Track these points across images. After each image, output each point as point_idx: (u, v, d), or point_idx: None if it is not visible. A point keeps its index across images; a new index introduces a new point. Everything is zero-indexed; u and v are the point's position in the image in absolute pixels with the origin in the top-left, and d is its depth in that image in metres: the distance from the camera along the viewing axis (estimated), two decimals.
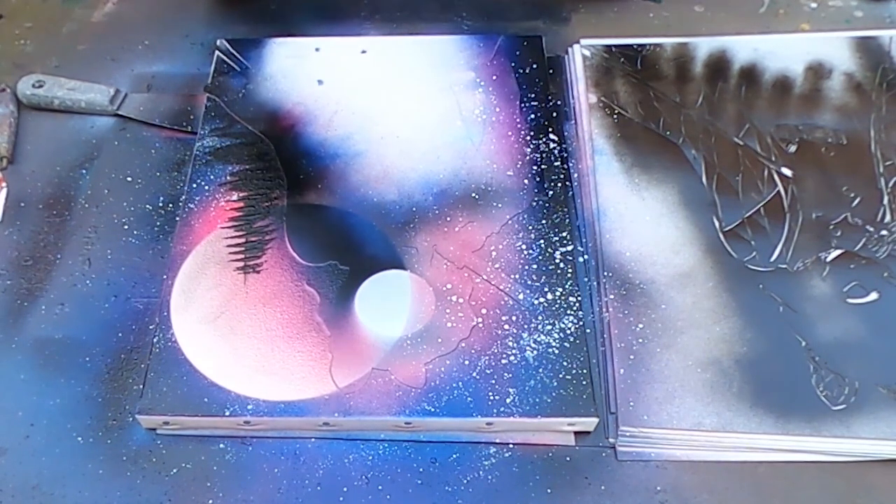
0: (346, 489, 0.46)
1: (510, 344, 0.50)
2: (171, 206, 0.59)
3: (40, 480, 0.47)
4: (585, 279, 0.55)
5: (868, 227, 0.56)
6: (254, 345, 0.50)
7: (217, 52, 0.67)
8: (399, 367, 0.49)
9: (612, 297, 0.52)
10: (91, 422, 0.49)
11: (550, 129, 0.62)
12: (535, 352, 0.50)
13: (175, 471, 0.47)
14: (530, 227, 0.56)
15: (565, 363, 0.49)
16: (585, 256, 0.56)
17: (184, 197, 0.58)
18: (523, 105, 0.63)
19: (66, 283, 0.55)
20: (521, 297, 0.52)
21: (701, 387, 0.48)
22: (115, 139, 0.64)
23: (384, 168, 0.59)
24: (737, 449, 0.47)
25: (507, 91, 0.64)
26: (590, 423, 0.48)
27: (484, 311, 0.52)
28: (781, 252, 0.55)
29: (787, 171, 0.59)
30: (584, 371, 0.49)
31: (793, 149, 0.61)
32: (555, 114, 0.63)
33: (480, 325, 0.51)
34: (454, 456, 0.48)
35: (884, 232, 0.56)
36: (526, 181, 0.58)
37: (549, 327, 0.51)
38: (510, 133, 0.62)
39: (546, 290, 0.53)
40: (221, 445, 0.48)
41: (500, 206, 0.57)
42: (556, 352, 0.50)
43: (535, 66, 0.66)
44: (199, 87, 0.66)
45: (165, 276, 0.53)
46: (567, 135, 0.63)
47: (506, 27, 0.72)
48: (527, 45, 0.68)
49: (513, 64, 0.66)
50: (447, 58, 0.67)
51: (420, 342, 0.50)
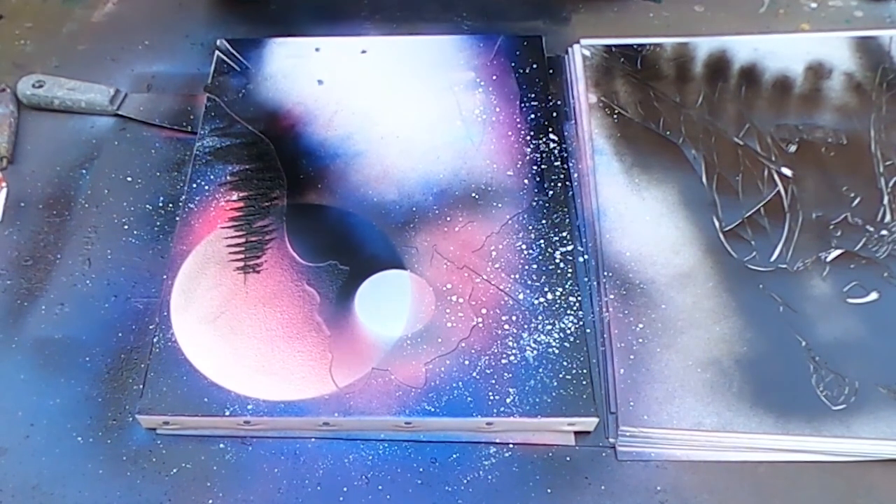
0: (346, 489, 0.46)
1: (510, 344, 0.50)
2: (171, 206, 0.59)
3: (40, 480, 0.47)
4: (585, 279, 0.55)
5: (868, 226, 0.56)
6: (254, 345, 0.50)
7: (217, 52, 0.67)
8: (399, 366, 0.49)
9: (612, 296, 0.52)
10: (91, 422, 0.49)
11: (550, 129, 0.62)
12: (535, 352, 0.50)
13: (175, 471, 0.47)
14: (530, 227, 0.56)
15: (565, 363, 0.49)
16: (585, 256, 0.56)
17: (184, 197, 0.58)
18: (523, 105, 0.63)
19: (66, 283, 0.55)
20: (521, 296, 0.52)
21: (701, 387, 0.48)
22: (115, 139, 0.64)
23: (384, 168, 0.60)
24: (737, 449, 0.47)
25: (507, 91, 0.64)
26: (590, 423, 0.48)
27: (484, 310, 0.52)
28: (781, 252, 0.55)
29: (787, 171, 0.59)
30: (584, 371, 0.49)
31: (793, 149, 0.61)
32: (555, 114, 0.63)
33: (480, 325, 0.51)
34: (454, 456, 0.48)
35: (884, 232, 0.56)
36: (526, 181, 0.58)
37: (549, 327, 0.51)
38: (510, 133, 0.62)
39: (546, 289, 0.53)
40: (221, 445, 0.48)
41: (500, 206, 0.57)
42: (556, 352, 0.50)
43: (535, 66, 0.66)
44: (199, 87, 0.66)
45: (165, 276, 0.53)
46: (567, 135, 0.63)
47: (506, 27, 0.72)
48: (527, 45, 0.68)
49: (513, 64, 0.66)
50: (447, 58, 0.67)
51: (420, 342, 0.50)
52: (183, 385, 0.48)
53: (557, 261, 0.54)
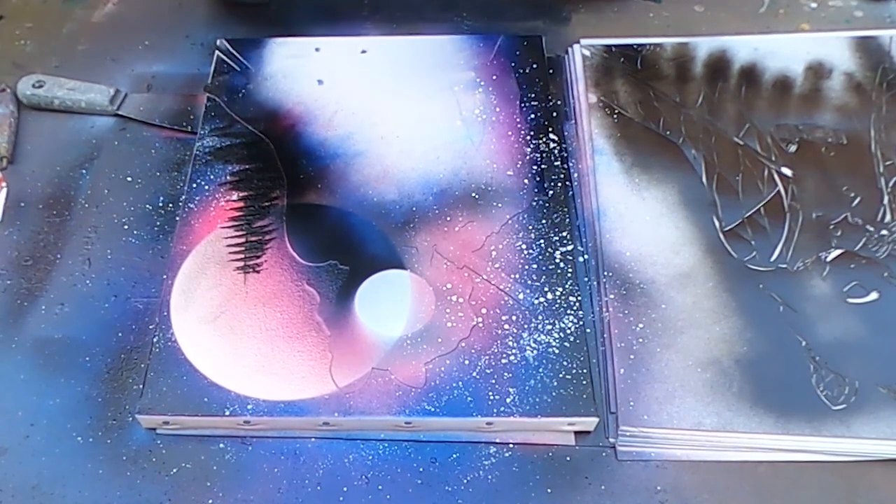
0: (346, 489, 0.46)
1: (510, 344, 0.50)
2: (171, 206, 0.59)
3: (40, 480, 0.47)
4: (585, 279, 0.55)
5: (868, 226, 0.56)
6: (254, 345, 0.50)
7: (217, 52, 0.67)
8: (399, 366, 0.49)
9: (612, 296, 0.52)
10: (91, 422, 0.49)
11: (550, 129, 0.62)
12: (535, 351, 0.50)
13: (175, 471, 0.47)
14: (530, 227, 0.56)
15: (565, 363, 0.49)
16: (585, 256, 0.56)
17: (184, 197, 0.58)
18: (523, 105, 0.63)
19: (66, 283, 0.55)
20: (521, 296, 0.52)
21: (701, 387, 0.48)
22: (115, 139, 0.64)
23: (384, 168, 0.59)
24: (737, 449, 0.47)
25: (507, 91, 0.64)
26: (590, 422, 0.48)
27: (484, 310, 0.52)
28: (781, 252, 0.55)
29: (787, 171, 0.59)
30: (584, 371, 0.49)
31: (793, 149, 0.61)
32: (555, 114, 0.63)
33: (480, 325, 0.51)
34: (454, 456, 0.48)
35: (884, 232, 0.56)
36: (526, 181, 0.58)
37: (550, 327, 0.51)
38: (510, 133, 0.62)
39: (546, 289, 0.53)
40: (221, 445, 0.48)
41: (500, 205, 0.57)
42: (556, 351, 0.50)
43: (535, 66, 0.66)
44: (199, 87, 0.66)
45: (165, 276, 0.53)
46: (567, 135, 0.63)
47: (506, 27, 0.72)
48: (527, 45, 0.68)
49: (513, 64, 0.66)
50: (447, 58, 0.67)
51: (420, 342, 0.50)
52: (183, 385, 0.48)
53: (557, 261, 0.54)
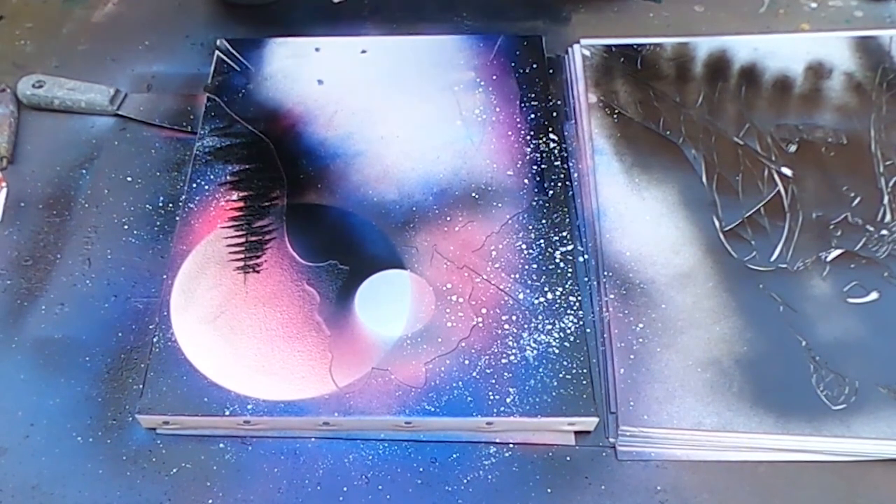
0: (346, 489, 0.46)
1: (510, 343, 0.50)
2: (171, 206, 0.59)
3: (40, 480, 0.47)
4: (585, 279, 0.55)
5: (868, 226, 0.56)
6: (254, 345, 0.50)
7: (217, 52, 0.67)
8: (399, 366, 0.49)
9: (612, 296, 0.52)
10: (91, 422, 0.49)
11: (550, 129, 0.62)
12: (535, 351, 0.50)
13: (175, 470, 0.47)
14: (530, 227, 0.56)
15: (565, 363, 0.49)
16: (585, 256, 0.56)
17: (184, 197, 0.58)
18: (523, 105, 0.63)
19: (66, 283, 0.55)
20: (521, 296, 0.52)
21: (701, 386, 0.48)
22: (115, 139, 0.64)
23: (384, 168, 0.59)
24: (737, 449, 0.47)
25: (507, 91, 0.64)
26: (590, 422, 0.48)
27: (484, 310, 0.52)
28: (781, 252, 0.55)
29: (787, 171, 0.59)
30: (584, 371, 0.49)
31: (793, 149, 0.61)
32: (555, 114, 0.63)
33: (480, 325, 0.51)
34: (454, 456, 0.48)
35: (884, 231, 0.56)
36: (526, 181, 0.58)
37: (549, 327, 0.51)
38: (510, 133, 0.62)
39: (546, 289, 0.53)
40: (221, 445, 0.48)
41: (500, 205, 0.57)
42: (556, 351, 0.50)
43: (535, 66, 0.66)
44: (199, 87, 0.66)
45: (165, 276, 0.53)
46: (567, 135, 0.63)
47: (506, 27, 0.72)
48: (527, 45, 0.68)
49: (513, 64, 0.66)
50: (447, 58, 0.67)
51: (420, 342, 0.50)
52: (183, 385, 0.48)
53: (557, 260, 0.54)
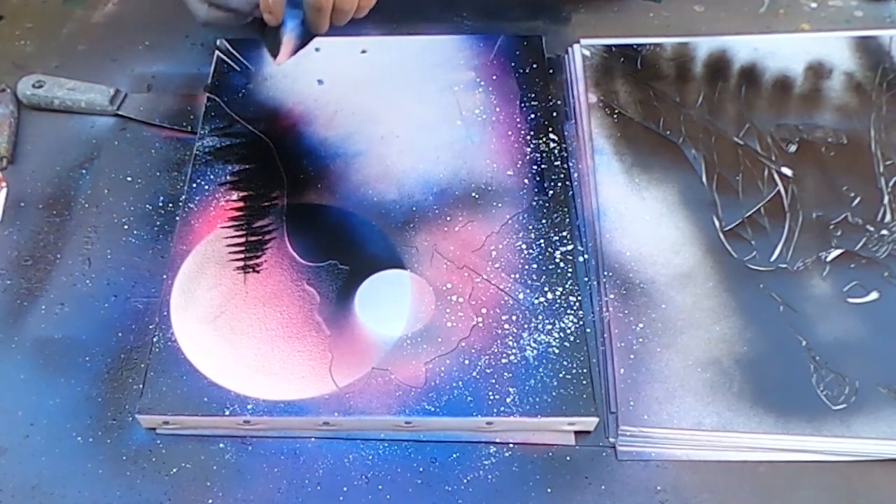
0: (346, 489, 0.46)
1: (510, 343, 0.50)
2: (171, 206, 0.59)
3: (40, 480, 0.47)
4: (585, 279, 0.55)
5: (868, 226, 0.56)
6: (254, 344, 0.50)
7: (217, 52, 0.67)
8: (399, 366, 0.49)
9: (612, 296, 0.52)
10: (91, 422, 0.49)
11: (550, 129, 0.62)
12: (536, 351, 0.50)
13: (175, 470, 0.47)
14: (530, 227, 0.56)
15: (565, 363, 0.49)
16: (585, 256, 0.56)
17: (184, 197, 0.58)
18: (523, 105, 0.63)
19: (66, 283, 0.55)
20: (521, 296, 0.52)
21: (701, 386, 0.48)
22: (115, 139, 0.64)
23: (384, 168, 0.59)
24: (737, 448, 0.47)
25: (507, 91, 0.64)
26: (590, 422, 0.48)
27: (484, 310, 0.52)
28: (781, 252, 0.55)
29: (787, 171, 0.59)
30: (584, 371, 0.49)
31: (793, 148, 0.61)
32: (555, 114, 0.63)
33: (480, 325, 0.51)
34: (454, 456, 0.48)
35: (884, 231, 0.56)
36: (526, 181, 0.58)
37: (549, 327, 0.51)
38: (510, 133, 0.62)
39: (546, 289, 0.53)
40: (221, 445, 0.48)
41: (500, 205, 0.57)
42: (557, 351, 0.50)
43: (535, 66, 0.66)
44: (199, 87, 0.66)
45: (165, 276, 0.53)
46: (567, 135, 0.63)
47: (506, 27, 0.71)
48: (527, 45, 0.68)
49: (513, 64, 0.66)
50: (447, 58, 0.67)
51: (420, 342, 0.50)
52: (183, 385, 0.48)
53: (557, 260, 0.54)
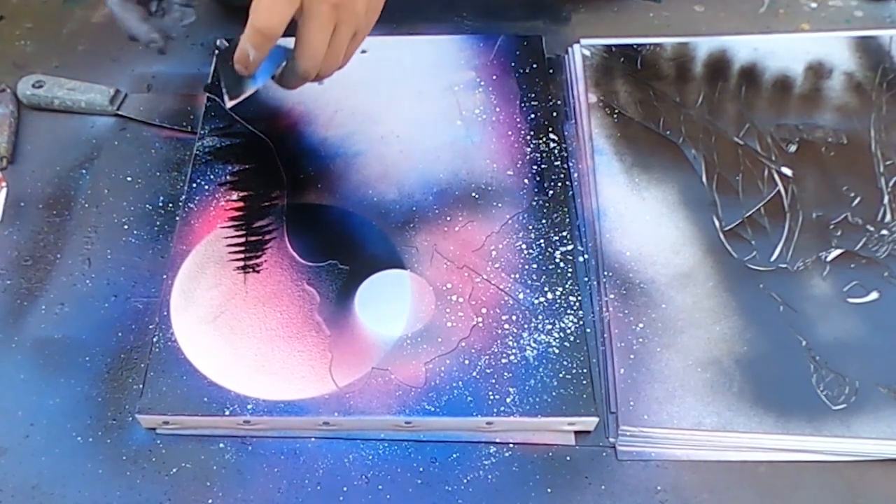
0: (346, 489, 0.46)
1: (510, 343, 0.50)
2: (171, 206, 0.59)
3: (40, 480, 0.47)
4: (585, 279, 0.54)
5: (868, 226, 0.56)
6: (254, 344, 0.50)
7: (217, 52, 0.67)
8: (399, 366, 0.49)
9: (612, 296, 0.52)
10: (91, 422, 0.49)
11: (550, 129, 0.62)
12: (536, 351, 0.50)
13: (175, 470, 0.47)
14: (530, 227, 0.56)
15: (565, 363, 0.49)
16: (585, 256, 0.56)
17: (184, 197, 0.58)
18: (523, 105, 0.63)
19: (66, 283, 0.55)
20: (521, 296, 0.52)
21: (701, 386, 0.48)
22: (115, 139, 0.64)
23: (384, 168, 0.59)
24: (737, 448, 0.47)
25: (507, 91, 0.64)
26: (590, 422, 0.48)
27: (484, 310, 0.52)
28: (782, 252, 0.55)
29: (787, 171, 0.59)
30: (584, 370, 0.49)
31: (793, 148, 0.61)
32: (555, 114, 0.63)
33: (480, 325, 0.51)
34: (454, 456, 0.48)
35: (884, 231, 0.56)
36: (526, 181, 0.58)
37: (550, 327, 0.51)
38: (510, 133, 0.62)
39: (546, 289, 0.53)
40: (221, 445, 0.48)
41: (500, 205, 0.57)
42: (557, 351, 0.50)
43: (535, 66, 0.66)
44: (199, 87, 0.66)
45: (165, 276, 0.53)
46: (567, 135, 0.63)
47: (506, 27, 0.71)
48: (527, 45, 0.68)
49: (513, 64, 0.66)
50: (447, 58, 0.67)
51: (420, 342, 0.50)
52: (183, 385, 0.48)
53: (557, 260, 0.54)
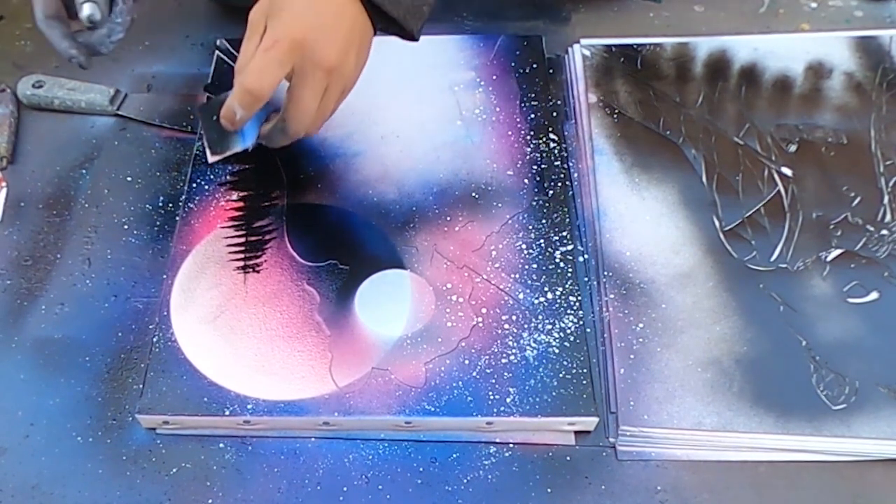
0: (346, 489, 0.46)
1: (510, 343, 0.50)
2: (171, 206, 0.59)
3: (40, 480, 0.47)
4: (585, 279, 0.54)
5: (868, 226, 0.56)
6: (254, 344, 0.50)
7: (217, 52, 0.67)
8: (399, 366, 0.49)
9: (612, 296, 0.52)
10: (91, 421, 0.49)
11: (550, 129, 0.62)
12: (536, 351, 0.50)
13: (175, 470, 0.47)
14: (530, 227, 0.56)
15: (565, 363, 0.49)
16: (585, 256, 0.56)
17: (184, 197, 0.58)
18: (523, 105, 0.63)
19: (66, 283, 0.55)
20: (521, 296, 0.52)
21: (701, 386, 0.48)
22: (115, 139, 0.64)
23: (384, 168, 0.59)
24: (737, 448, 0.47)
25: (507, 91, 0.64)
26: (590, 422, 0.48)
27: (484, 310, 0.52)
28: (782, 252, 0.55)
29: (787, 171, 0.59)
30: (584, 370, 0.49)
31: (793, 148, 0.61)
32: (555, 114, 0.63)
33: (480, 325, 0.51)
34: (454, 456, 0.48)
35: (884, 231, 0.56)
36: (526, 181, 0.58)
37: (550, 327, 0.51)
38: (510, 133, 0.62)
39: (546, 289, 0.53)
40: (221, 445, 0.48)
41: (500, 205, 0.57)
42: (557, 351, 0.50)
43: (535, 66, 0.66)
44: (199, 87, 0.66)
45: (165, 276, 0.53)
46: (567, 135, 0.63)
47: (506, 27, 0.72)
48: (527, 45, 0.68)
49: (513, 64, 0.66)
50: (447, 58, 0.67)
51: (420, 342, 0.50)
52: (183, 385, 0.48)
53: (557, 260, 0.54)
